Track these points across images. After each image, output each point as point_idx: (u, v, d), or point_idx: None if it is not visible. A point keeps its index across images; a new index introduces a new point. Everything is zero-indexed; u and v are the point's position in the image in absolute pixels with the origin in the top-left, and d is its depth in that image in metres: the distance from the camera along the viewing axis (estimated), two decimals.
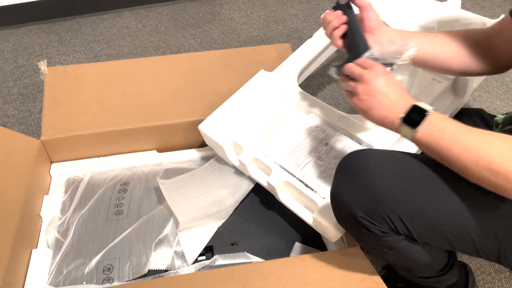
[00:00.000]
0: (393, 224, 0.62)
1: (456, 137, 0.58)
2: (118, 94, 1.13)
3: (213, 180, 1.01)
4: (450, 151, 0.58)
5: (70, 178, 1.06)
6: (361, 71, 0.66)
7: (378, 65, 0.67)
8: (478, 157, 0.55)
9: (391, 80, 0.65)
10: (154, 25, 1.84)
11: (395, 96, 0.63)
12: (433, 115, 0.60)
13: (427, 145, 0.60)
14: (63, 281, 0.85)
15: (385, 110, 0.63)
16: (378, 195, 0.62)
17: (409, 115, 0.61)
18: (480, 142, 0.56)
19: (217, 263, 0.87)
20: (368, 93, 0.64)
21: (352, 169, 0.65)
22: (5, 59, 1.64)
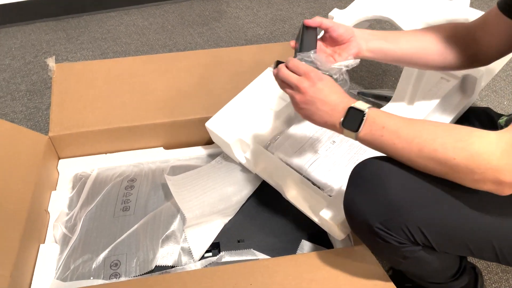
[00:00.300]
0: (412, 234, 0.61)
1: (396, 132, 0.59)
2: (125, 91, 1.14)
3: (220, 177, 1.01)
4: (393, 146, 0.59)
5: (78, 174, 1.07)
6: (297, 80, 0.66)
7: (313, 71, 0.66)
8: (421, 148, 0.57)
9: (327, 84, 0.66)
10: (161, 23, 1.84)
11: (332, 101, 0.64)
12: (371, 114, 0.61)
13: (370, 143, 0.62)
14: (70, 276, 0.86)
15: (325, 116, 0.64)
16: (396, 206, 0.60)
17: (348, 118, 0.62)
18: (422, 133, 0.57)
19: (224, 259, 0.87)
20: (307, 102, 0.65)
21: (367, 179, 0.63)
22: (13, 56, 1.65)
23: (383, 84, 1.49)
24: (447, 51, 0.77)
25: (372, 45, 0.77)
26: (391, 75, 1.52)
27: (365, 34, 0.77)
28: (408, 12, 1.09)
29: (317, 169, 0.90)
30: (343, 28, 0.75)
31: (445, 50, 0.77)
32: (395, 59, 0.79)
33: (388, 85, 1.48)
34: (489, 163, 0.53)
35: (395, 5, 1.11)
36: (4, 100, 1.44)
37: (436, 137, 0.56)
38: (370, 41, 0.77)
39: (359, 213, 0.64)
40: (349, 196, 0.66)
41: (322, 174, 0.89)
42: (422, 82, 0.99)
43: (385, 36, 0.78)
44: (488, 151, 0.53)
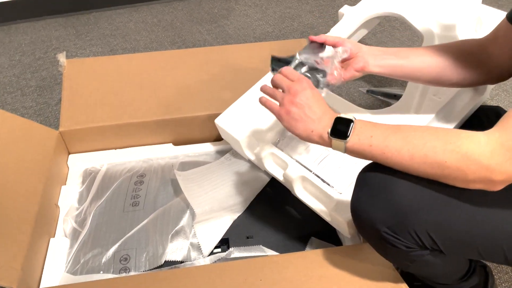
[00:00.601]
0: (420, 239, 0.61)
1: (385, 141, 0.59)
2: (135, 87, 1.14)
3: (229, 174, 1.01)
4: (383, 155, 0.59)
5: (87, 169, 1.07)
6: (289, 83, 0.68)
7: (305, 79, 0.68)
8: (411, 155, 0.57)
9: (316, 94, 0.67)
10: (169, 20, 1.84)
11: (319, 111, 0.65)
12: (358, 123, 0.61)
13: (360, 153, 0.62)
14: (80, 270, 0.86)
15: (311, 124, 0.64)
16: (404, 211, 0.60)
17: (336, 127, 0.62)
18: (410, 140, 0.57)
19: (233, 255, 0.87)
20: (295, 104, 0.65)
21: (373, 183, 0.63)
22: (23, 51, 1.66)
23: (393, 82, 1.48)
24: (458, 67, 0.77)
25: (380, 61, 0.77)
26: None
27: (374, 50, 0.78)
28: (420, 9, 1.09)
29: (326, 166, 0.90)
30: (350, 44, 0.77)
31: (456, 67, 0.77)
32: (405, 74, 0.80)
33: (398, 83, 1.48)
34: (480, 162, 0.53)
35: (406, 2, 1.10)
36: (15, 95, 1.45)
37: (425, 142, 0.56)
38: (378, 57, 0.77)
39: (366, 217, 0.63)
40: (356, 200, 0.66)
41: (332, 171, 0.89)
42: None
43: (395, 52, 0.79)
44: (478, 151, 0.53)
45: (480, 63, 0.75)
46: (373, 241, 0.66)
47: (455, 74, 0.77)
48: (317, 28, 1.79)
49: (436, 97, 0.96)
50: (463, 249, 0.64)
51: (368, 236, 0.67)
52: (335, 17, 1.86)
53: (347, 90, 1.47)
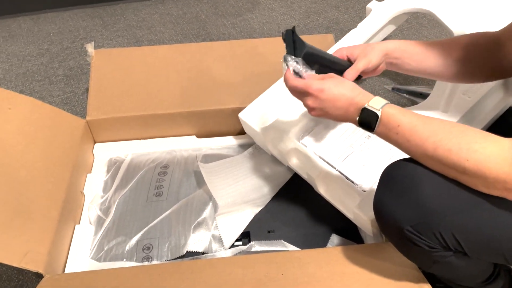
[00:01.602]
0: (444, 240, 0.60)
1: (411, 130, 0.59)
2: (161, 78, 1.15)
3: (252, 168, 1.01)
4: (407, 144, 0.59)
5: (112, 159, 1.09)
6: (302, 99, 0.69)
7: (310, 87, 0.67)
8: (436, 147, 0.57)
9: (329, 90, 0.66)
10: (195, 12, 1.85)
11: (343, 103, 0.65)
12: (386, 112, 0.61)
13: (386, 139, 0.63)
14: (104, 257, 0.88)
15: (340, 117, 0.67)
16: (429, 210, 0.59)
17: (362, 118, 0.63)
18: (437, 132, 0.57)
19: (254, 249, 0.87)
20: (319, 113, 0.68)
21: (399, 180, 0.62)
22: (51, 41, 1.69)
23: (419, 80, 1.46)
24: (472, 63, 0.76)
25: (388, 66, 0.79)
26: None
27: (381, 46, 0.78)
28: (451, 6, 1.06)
29: (351, 164, 0.89)
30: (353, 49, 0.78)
31: (463, 65, 0.76)
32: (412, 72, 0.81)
33: (424, 81, 1.45)
34: (501, 169, 0.52)
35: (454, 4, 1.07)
36: (43, 83, 1.48)
37: (452, 137, 0.56)
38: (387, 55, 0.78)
39: (390, 215, 0.63)
40: (379, 197, 0.65)
41: (356, 169, 0.88)
42: None
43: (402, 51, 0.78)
44: (501, 156, 0.53)
45: (490, 57, 0.74)
46: (395, 240, 0.66)
47: (461, 73, 0.77)
48: (343, 23, 1.77)
49: (465, 96, 0.94)
50: (488, 253, 0.63)
51: (390, 234, 0.66)
52: (361, 12, 1.83)
53: (372, 87, 1.45)
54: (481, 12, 1.03)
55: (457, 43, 0.77)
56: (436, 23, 1.66)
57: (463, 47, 0.76)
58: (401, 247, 0.66)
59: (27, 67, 1.55)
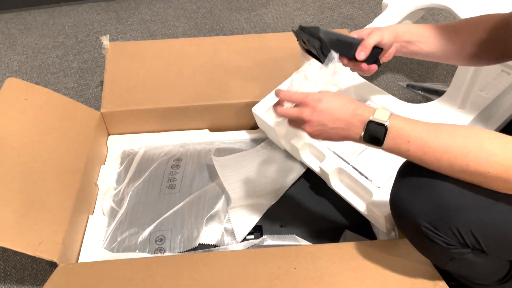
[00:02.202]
0: (462, 237, 0.59)
1: (424, 147, 0.56)
2: (175, 72, 1.15)
3: (265, 162, 1.01)
4: (421, 161, 0.57)
5: (126, 151, 1.10)
6: (297, 112, 0.64)
7: (307, 96, 0.63)
8: (452, 164, 0.55)
9: (329, 102, 0.62)
10: (209, 7, 1.85)
11: (343, 115, 0.61)
12: (394, 126, 0.57)
13: (397, 154, 0.59)
14: (117, 248, 0.88)
15: (342, 132, 0.62)
16: (448, 206, 0.58)
17: (368, 133, 0.59)
18: (451, 148, 0.55)
19: (266, 243, 0.87)
20: (316, 127, 0.62)
21: (417, 176, 0.61)
22: (66, 34, 1.70)
23: (434, 77, 1.44)
24: (474, 47, 0.74)
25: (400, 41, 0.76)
26: (442, 69, 1.47)
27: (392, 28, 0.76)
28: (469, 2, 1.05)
29: (365, 159, 0.88)
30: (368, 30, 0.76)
31: (472, 47, 0.74)
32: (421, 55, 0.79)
33: (439, 78, 1.43)
34: None
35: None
36: (57, 76, 1.49)
37: (468, 152, 0.54)
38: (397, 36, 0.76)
39: (407, 210, 0.62)
40: (396, 192, 0.64)
41: (370, 164, 0.87)
42: (480, 74, 0.95)
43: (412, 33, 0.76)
44: None
45: (501, 39, 0.72)
46: (411, 235, 0.65)
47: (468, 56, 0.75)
48: (357, 19, 1.75)
49: (483, 93, 0.93)
50: (507, 251, 0.62)
51: (406, 230, 0.66)
52: (376, 8, 1.81)
53: (386, 84, 1.44)
54: (500, 8, 1.01)
55: (467, 24, 0.76)
56: (452, 20, 1.64)
57: (472, 29, 0.74)
58: (417, 243, 0.66)
59: (42, 60, 1.56)
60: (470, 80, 0.92)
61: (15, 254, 0.97)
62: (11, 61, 1.56)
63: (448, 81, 1.40)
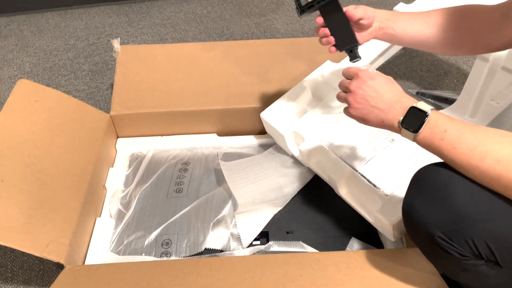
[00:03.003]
0: (476, 248, 0.58)
1: (459, 137, 0.57)
2: (184, 76, 1.16)
3: (272, 167, 1.01)
4: (453, 151, 0.57)
5: (134, 154, 1.10)
6: (347, 82, 0.68)
7: (362, 71, 0.67)
8: (483, 157, 0.55)
9: (380, 83, 0.65)
10: (219, 12, 1.86)
11: (388, 98, 0.63)
12: (433, 116, 0.59)
13: (429, 146, 0.60)
14: (123, 250, 0.89)
15: (381, 114, 0.64)
16: (462, 216, 0.57)
17: (408, 118, 0.61)
18: (486, 142, 0.55)
19: (272, 249, 0.87)
20: (358, 100, 0.66)
21: (432, 184, 0.61)
22: (77, 36, 1.72)
23: (444, 85, 1.43)
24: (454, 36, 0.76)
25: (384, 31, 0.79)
26: (453, 77, 1.46)
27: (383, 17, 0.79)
28: None
29: (373, 167, 0.88)
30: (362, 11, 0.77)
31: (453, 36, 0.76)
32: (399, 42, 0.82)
33: (450, 86, 1.42)
34: None
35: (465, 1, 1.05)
36: (68, 78, 1.50)
37: (501, 148, 0.54)
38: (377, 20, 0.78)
39: (420, 220, 0.61)
40: (409, 201, 0.63)
41: (378, 172, 0.87)
42: (491, 83, 0.94)
43: (394, 20, 0.79)
44: None
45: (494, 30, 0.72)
46: (424, 245, 0.64)
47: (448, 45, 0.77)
48: None
49: (494, 102, 0.92)
50: None
51: (419, 240, 0.65)
52: None
53: None
54: None
55: (447, 12, 0.77)
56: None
57: (451, 16, 0.76)
58: (430, 253, 0.65)
59: (54, 62, 1.58)
60: (480, 89, 0.92)
61: (22, 255, 0.97)
62: (23, 62, 1.58)
63: (458, 89, 1.39)
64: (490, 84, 0.91)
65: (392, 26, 0.79)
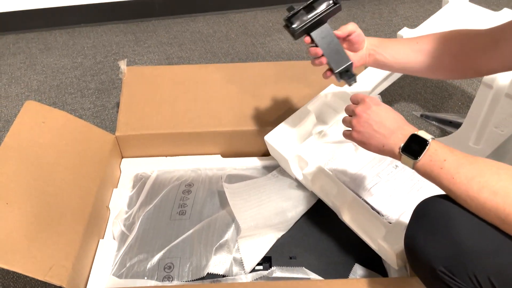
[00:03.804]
0: (479, 283, 0.57)
1: (458, 167, 0.58)
2: (190, 97, 1.17)
3: (276, 191, 1.01)
4: (451, 181, 0.58)
5: (138, 174, 1.11)
6: (353, 107, 0.71)
7: (369, 97, 0.70)
8: (481, 188, 0.55)
9: (384, 109, 0.68)
10: (225, 31, 1.88)
11: (390, 124, 0.66)
12: (433, 145, 0.61)
13: (427, 174, 0.61)
14: (125, 274, 0.88)
15: (382, 139, 0.66)
16: (465, 251, 0.57)
17: (409, 144, 0.62)
18: (484, 173, 0.56)
19: (275, 274, 0.86)
20: (362, 124, 0.68)
21: (434, 217, 0.61)
22: (84, 54, 1.74)
23: (448, 108, 1.43)
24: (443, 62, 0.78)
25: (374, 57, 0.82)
26: (457, 99, 1.46)
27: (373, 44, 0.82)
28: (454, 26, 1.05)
29: (377, 193, 0.88)
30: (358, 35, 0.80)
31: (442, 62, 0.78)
32: (389, 69, 0.85)
33: (454, 109, 1.43)
34: None
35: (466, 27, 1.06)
36: (75, 96, 1.52)
37: (499, 180, 0.54)
38: (374, 53, 0.82)
39: (422, 253, 0.61)
40: (412, 233, 0.63)
41: (382, 199, 0.87)
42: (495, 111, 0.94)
43: (384, 46, 0.82)
44: None
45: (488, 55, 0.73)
46: (426, 279, 0.64)
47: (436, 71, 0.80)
48: None
49: (498, 130, 0.92)
50: None
51: (421, 273, 0.64)
52: (391, 37, 1.82)
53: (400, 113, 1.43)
54: None
55: (435, 37, 0.79)
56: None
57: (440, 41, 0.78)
58: (432, 287, 0.64)
59: (61, 80, 1.60)
60: (484, 116, 0.92)
61: (25, 276, 0.97)
62: (31, 80, 1.60)
63: (463, 112, 1.39)
64: (494, 111, 0.91)
65: (382, 52, 0.82)
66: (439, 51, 0.78)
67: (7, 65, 1.67)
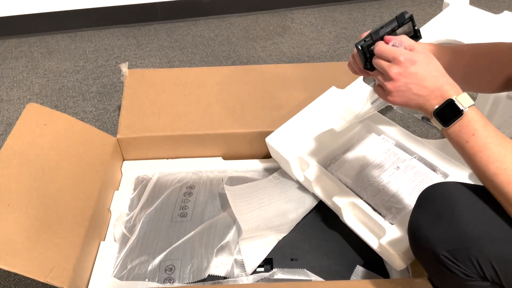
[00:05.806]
0: (481, 269, 0.57)
1: (483, 145, 0.56)
2: (191, 100, 1.17)
3: (277, 193, 1.01)
4: (473, 157, 0.57)
5: (139, 177, 1.11)
6: (387, 67, 0.60)
7: (402, 55, 0.59)
8: (497, 174, 0.54)
9: (422, 66, 0.59)
10: (226, 35, 1.89)
11: (430, 84, 0.59)
12: (469, 115, 0.57)
13: (453, 142, 0.59)
14: (126, 276, 0.88)
15: (421, 100, 0.60)
16: (468, 236, 0.57)
17: (443, 110, 0.58)
18: (506, 159, 0.54)
19: (276, 276, 0.86)
20: (401, 89, 0.60)
21: (437, 203, 0.61)
22: (86, 58, 1.75)
23: None
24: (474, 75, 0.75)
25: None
26: None
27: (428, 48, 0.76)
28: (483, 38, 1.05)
29: (378, 195, 0.87)
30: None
31: (471, 75, 0.75)
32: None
33: None
34: None
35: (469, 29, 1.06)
36: (76, 100, 1.52)
37: None
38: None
39: (425, 238, 0.61)
40: (415, 219, 0.63)
41: (384, 200, 0.86)
42: (497, 113, 0.94)
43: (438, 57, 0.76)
44: None
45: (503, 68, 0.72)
46: (429, 264, 0.64)
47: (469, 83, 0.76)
48: None
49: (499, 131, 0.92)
50: None
51: (424, 258, 0.64)
52: None
53: (401, 116, 1.44)
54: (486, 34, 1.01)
55: (473, 49, 0.76)
56: None
57: (472, 53, 0.75)
58: (434, 272, 0.64)
59: (63, 83, 1.60)
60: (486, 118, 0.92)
61: (26, 278, 0.97)
62: (33, 83, 1.60)
63: None
64: (496, 113, 0.91)
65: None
66: (479, 68, 0.75)
67: (9, 68, 1.68)
